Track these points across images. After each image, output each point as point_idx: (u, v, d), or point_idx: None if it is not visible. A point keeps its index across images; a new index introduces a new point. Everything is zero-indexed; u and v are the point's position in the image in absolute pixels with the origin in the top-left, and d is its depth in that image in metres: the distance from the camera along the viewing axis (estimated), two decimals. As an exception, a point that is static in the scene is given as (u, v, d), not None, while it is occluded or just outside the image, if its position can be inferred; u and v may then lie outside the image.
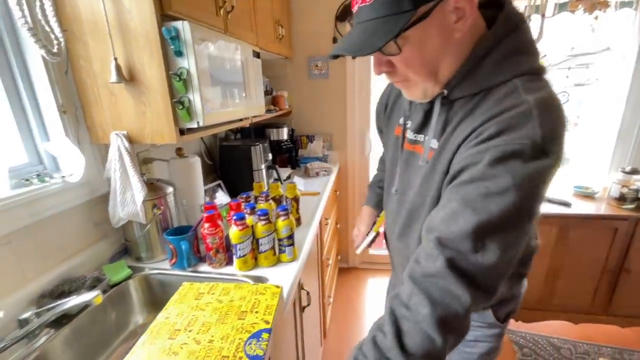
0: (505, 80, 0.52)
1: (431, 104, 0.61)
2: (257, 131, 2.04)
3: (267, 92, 1.97)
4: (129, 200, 0.95)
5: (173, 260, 1.00)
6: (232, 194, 1.61)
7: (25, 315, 0.70)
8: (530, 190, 0.47)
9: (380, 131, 0.89)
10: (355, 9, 0.52)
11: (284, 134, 2.07)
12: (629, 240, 1.65)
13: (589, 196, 1.84)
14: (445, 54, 0.53)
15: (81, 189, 0.96)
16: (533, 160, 0.46)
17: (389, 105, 0.81)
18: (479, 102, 0.54)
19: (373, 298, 2.27)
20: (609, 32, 1.64)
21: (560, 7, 1.88)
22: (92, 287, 0.85)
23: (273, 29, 1.73)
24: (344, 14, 2.04)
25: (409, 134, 0.69)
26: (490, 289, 0.48)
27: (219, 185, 1.58)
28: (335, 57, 0.57)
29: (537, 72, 0.53)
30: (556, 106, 0.50)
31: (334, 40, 2.09)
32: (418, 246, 0.56)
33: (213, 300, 0.74)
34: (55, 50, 0.69)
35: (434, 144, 0.60)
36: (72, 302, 0.67)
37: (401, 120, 0.72)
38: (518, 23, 0.53)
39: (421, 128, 0.65)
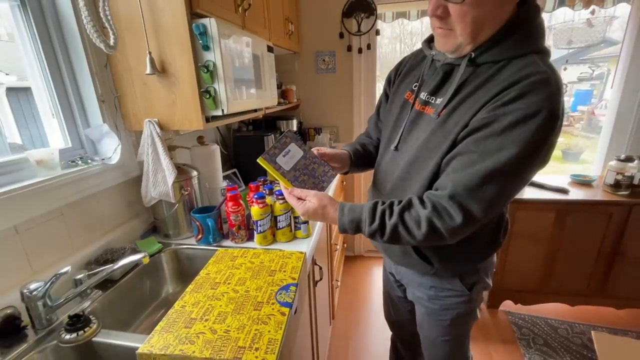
0: (525, 54, 0.62)
1: (452, 67, 0.69)
2: (268, 123, 2.13)
3: (277, 86, 2.06)
4: (160, 181, 1.05)
5: (199, 236, 1.10)
6: (246, 181, 1.71)
7: (80, 276, 0.80)
8: (536, 147, 0.57)
9: (387, 97, 0.93)
10: None
11: (293, 125, 2.16)
12: (623, 225, 1.73)
13: (586, 184, 1.92)
14: (491, 21, 0.62)
15: (117, 171, 1.06)
16: (546, 122, 0.56)
17: (402, 73, 0.87)
18: (501, 69, 0.62)
19: (378, 285, 2.36)
20: (606, 26, 1.71)
21: (560, 2, 1.95)
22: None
23: (283, 25, 1.82)
24: (350, 10, 2.12)
25: (422, 96, 0.76)
26: (478, 218, 0.62)
27: (234, 174, 1.69)
28: None
29: (546, 53, 0.64)
30: (562, 84, 0.61)
31: (341, 35, 2.18)
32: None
33: (246, 261, 0.85)
34: (112, 43, 0.79)
35: (447, 100, 0.67)
36: (123, 261, 0.77)
37: (414, 86, 0.79)
38: (538, 11, 0.65)
39: (436, 90, 0.73)
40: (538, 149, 0.58)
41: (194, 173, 1.17)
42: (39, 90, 0.94)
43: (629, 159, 1.73)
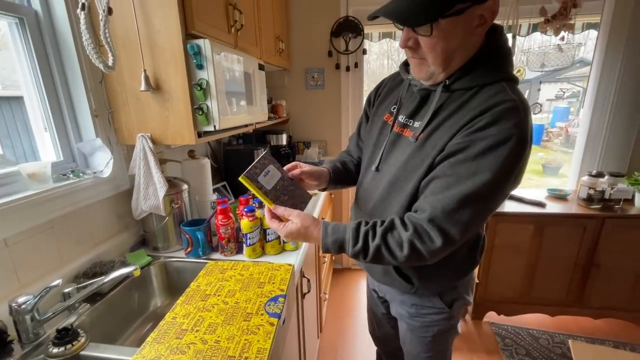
0: (494, 82, 0.66)
1: (428, 92, 0.74)
2: (258, 137, 2.17)
3: (268, 101, 2.12)
4: (151, 194, 1.07)
5: (189, 249, 1.12)
6: (236, 195, 1.73)
7: (68, 289, 0.81)
8: (508, 171, 0.62)
9: (367, 117, 0.96)
10: None
11: (283, 140, 2.21)
12: (596, 237, 1.82)
13: (562, 198, 2.02)
14: (460, 50, 0.66)
15: (108, 184, 1.07)
16: (516, 147, 0.60)
17: (381, 95, 0.91)
18: (473, 95, 0.67)
19: (366, 298, 2.38)
20: (574, 51, 1.85)
21: (533, 28, 2.10)
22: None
23: (274, 43, 1.89)
24: (338, 30, 2.21)
25: (401, 118, 0.79)
26: (456, 239, 0.64)
27: (224, 187, 1.71)
28: (374, 17, 0.66)
29: (514, 80, 0.69)
30: (530, 109, 0.66)
31: (330, 53, 2.26)
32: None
33: (236, 274, 0.87)
34: (110, 64, 0.83)
35: (424, 125, 0.71)
36: (113, 274, 0.78)
37: (393, 108, 0.83)
38: (505, 42, 0.70)
39: (414, 114, 0.76)
40: (509, 173, 0.63)
41: (185, 186, 1.19)
42: (32, 104, 0.96)
43: (599, 175, 1.84)
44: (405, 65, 0.85)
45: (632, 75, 1.96)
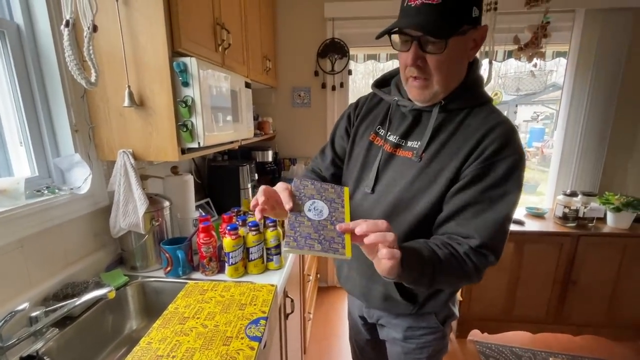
0: (480, 104, 0.72)
1: (421, 112, 0.75)
2: (244, 153, 2.17)
3: (254, 118, 2.12)
4: (131, 211, 1.04)
5: (168, 269, 1.08)
6: (219, 211, 1.70)
7: (36, 313, 0.76)
8: (522, 185, 0.69)
9: (348, 135, 0.92)
10: (417, 2, 0.62)
11: (269, 156, 2.21)
12: (572, 255, 1.88)
13: (539, 216, 2.08)
14: (457, 70, 0.71)
15: (85, 201, 1.04)
16: (523, 164, 0.68)
17: (359, 115, 0.89)
18: (467, 115, 0.72)
19: (351, 315, 2.34)
20: (546, 77, 1.96)
21: (508, 54, 2.22)
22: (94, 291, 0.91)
23: (261, 62, 1.92)
24: (324, 51, 2.28)
25: (392, 138, 0.78)
26: (501, 255, 0.68)
27: (207, 203, 1.68)
28: (383, 34, 0.67)
29: (492, 101, 0.76)
30: None
31: (316, 73, 2.32)
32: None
33: (216, 295, 0.84)
34: (93, 80, 0.82)
35: (425, 144, 0.72)
36: (85, 297, 0.74)
37: (378, 128, 0.82)
38: (479, 70, 0.77)
39: (408, 134, 0.77)
40: (523, 184, 0.69)
41: (166, 203, 1.17)
42: (8, 117, 0.93)
43: (573, 194, 1.92)
44: (379, 86, 0.87)
45: (599, 100, 2.09)
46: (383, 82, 0.88)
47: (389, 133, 0.80)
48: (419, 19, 0.62)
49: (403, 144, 0.77)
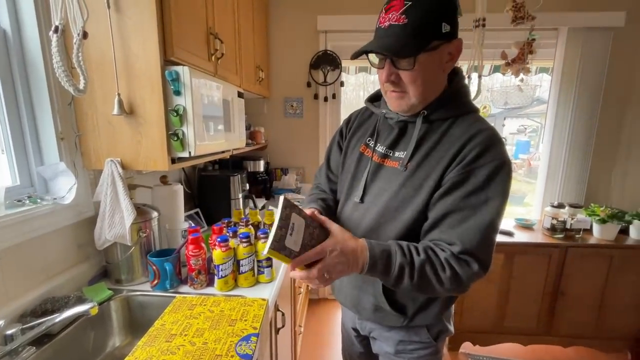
0: (464, 113, 0.74)
1: (406, 123, 0.78)
2: (235, 163, 2.14)
3: (246, 128, 2.11)
4: (117, 222, 1.00)
5: (155, 282, 1.04)
6: (209, 222, 1.67)
7: (12, 330, 0.72)
8: (508, 191, 0.69)
9: (340, 149, 0.95)
10: (386, 24, 0.67)
11: (260, 166, 2.19)
12: (561, 266, 1.90)
13: (528, 227, 2.11)
14: (434, 83, 0.73)
15: (69, 211, 1.00)
16: (507, 171, 0.68)
17: (352, 128, 0.93)
18: (451, 125, 0.73)
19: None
20: (532, 92, 2.02)
21: (495, 69, 2.29)
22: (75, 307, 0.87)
23: (254, 72, 1.92)
24: (317, 63, 2.30)
25: (380, 149, 0.81)
26: (488, 264, 0.68)
27: (196, 213, 1.64)
28: (360, 54, 0.71)
29: (479, 111, 0.77)
30: None
31: (308, 84, 2.33)
32: None
33: (205, 310, 0.81)
34: (81, 87, 0.79)
35: (410, 154, 0.74)
36: (65, 314, 0.71)
37: (368, 140, 0.85)
38: (464, 81, 0.79)
39: (394, 144, 0.79)
40: (509, 191, 0.69)
41: (154, 214, 1.13)
42: (-10, 124, 0.90)
43: (560, 206, 1.96)
44: (372, 100, 0.90)
45: (583, 114, 2.15)
46: (375, 97, 0.91)
47: (377, 144, 0.83)
48: (387, 40, 0.66)
49: (390, 154, 0.79)
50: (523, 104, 2.07)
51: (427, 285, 0.67)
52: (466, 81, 0.80)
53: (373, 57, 0.73)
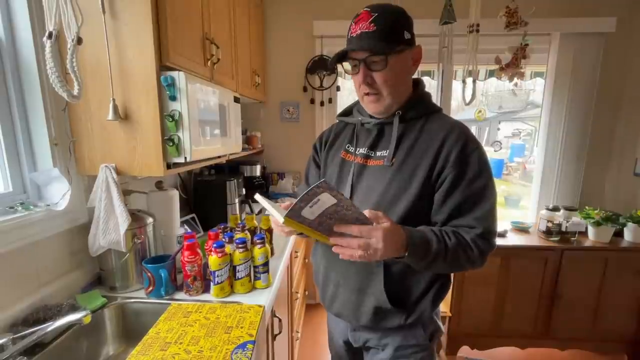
0: (433, 111, 0.84)
1: (383, 125, 0.85)
2: (231, 167, 2.13)
3: (242, 132, 2.11)
4: (112, 228, 0.99)
5: (150, 289, 1.03)
6: (205, 227, 1.65)
7: (2, 340, 0.70)
8: (492, 172, 0.80)
9: (317, 166, 1.01)
10: (357, 32, 0.76)
11: (257, 170, 2.19)
12: (557, 269, 1.91)
13: (524, 230, 2.12)
14: (402, 84, 0.82)
15: (62, 218, 0.99)
16: (484, 151, 0.79)
17: (329, 141, 0.98)
18: (425, 122, 0.82)
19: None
20: (527, 96, 2.05)
21: (490, 74, 2.31)
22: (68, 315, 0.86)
23: (250, 77, 1.92)
24: (313, 68, 2.31)
25: (361, 151, 0.87)
26: (495, 234, 0.78)
27: (192, 219, 1.63)
28: (335, 62, 0.82)
29: (442, 110, 0.88)
30: None
31: (305, 89, 2.34)
32: None
33: (201, 317, 0.80)
34: (75, 93, 0.79)
35: (393, 150, 0.81)
36: (57, 323, 0.69)
37: (347, 146, 0.91)
38: (425, 87, 0.90)
39: (375, 145, 0.86)
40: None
41: (150, 220, 1.12)
42: (-18, 130, 0.89)
43: (555, 209, 1.97)
44: (345, 115, 0.96)
45: (576, 118, 2.18)
46: (347, 113, 0.97)
47: (357, 148, 0.88)
48: (361, 43, 0.75)
49: (372, 155, 0.85)
50: (517, 107, 2.09)
51: (459, 263, 0.75)
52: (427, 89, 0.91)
53: (347, 65, 0.83)
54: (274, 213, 0.63)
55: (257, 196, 0.73)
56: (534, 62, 2.16)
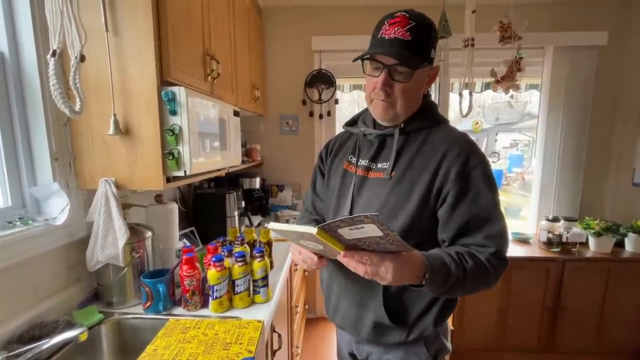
0: (437, 123, 0.82)
1: (384, 137, 0.84)
2: (231, 180, 2.14)
3: (242, 145, 2.12)
4: (110, 243, 0.99)
5: (148, 304, 1.02)
6: (204, 240, 1.64)
7: (-4, 359, 0.69)
8: (497, 188, 0.77)
9: (322, 174, 1.00)
10: (392, 36, 0.72)
11: (256, 183, 2.19)
12: (560, 280, 1.89)
13: (524, 241, 2.11)
14: (416, 99, 0.81)
15: (61, 232, 0.98)
16: (490, 166, 0.77)
17: (332, 151, 0.98)
18: (428, 133, 0.81)
19: (341, 348, 2.24)
20: (523, 108, 2.07)
21: (486, 86, 2.34)
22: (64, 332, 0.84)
23: (250, 91, 1.95)
24: (312, 81, 2.34)
25: (362, 162, 0.86)
26: (507, 251, 0.75)
27: (191, 232, 1.62)
28: (362, 57, 0.77)
29: (449, 122, 0.86)
30: None
31: (304, 102, 2.36)
32: None
33: (199, 334, 0.79)
34: (77, 109, 0.80)
35: (393, 163, 0.79)
36: (53, 340, 0.68)
37: (350, 157, 0.90)
38: (431, 97, 0.89)
39: (375, 157, 0.84)
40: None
41: (148, 234, 1.12)
42: (-18, 145, 0.89)
43: (555, 219, 1.97)
44: (350, 125, 0.96)
45: (572, 129, 2.20)
46: (352, 122, 0.97)
47: (359, 159, 0.88)
48: (393, 49, 0.72)
49: (373, 167, 0.84)
50: (514, 119, 2.11)
51: (478, 284, 0.72)
52: (433, 98, 0.90)
53: (368, 64, 0.78)
54: (302, 229, 0.58)
55: (272, 225, 0.64)
56: (529, 75, 2.19)
